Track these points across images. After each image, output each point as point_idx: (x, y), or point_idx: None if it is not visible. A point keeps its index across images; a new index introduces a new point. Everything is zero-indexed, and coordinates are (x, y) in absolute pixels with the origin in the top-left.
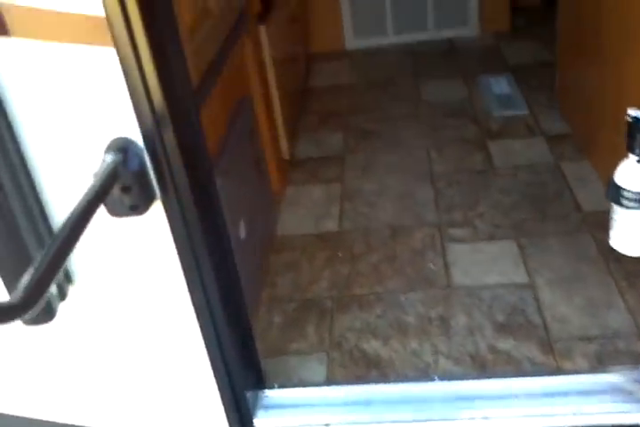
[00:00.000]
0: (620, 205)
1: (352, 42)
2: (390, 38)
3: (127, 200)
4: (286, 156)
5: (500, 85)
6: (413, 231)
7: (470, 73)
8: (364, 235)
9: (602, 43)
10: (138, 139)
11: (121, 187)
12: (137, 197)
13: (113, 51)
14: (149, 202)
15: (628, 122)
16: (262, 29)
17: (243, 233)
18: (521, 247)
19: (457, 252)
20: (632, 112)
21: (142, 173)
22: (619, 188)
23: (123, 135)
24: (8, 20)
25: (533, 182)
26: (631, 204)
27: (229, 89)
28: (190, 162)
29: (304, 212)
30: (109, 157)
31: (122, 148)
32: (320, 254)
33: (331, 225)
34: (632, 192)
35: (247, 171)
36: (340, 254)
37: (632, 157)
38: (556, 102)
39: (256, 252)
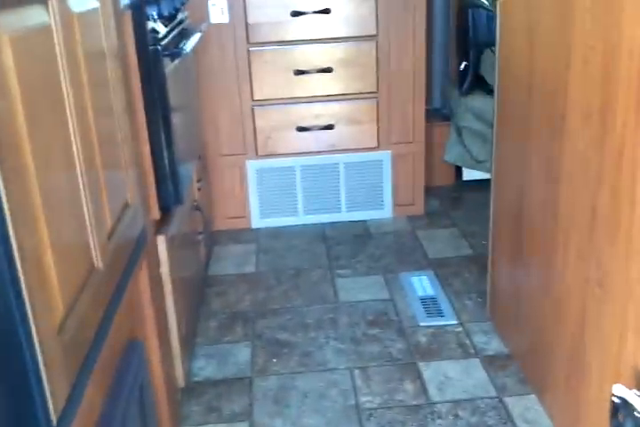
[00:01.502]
0: None
1: (259, 221)
2: (301, 218)
3: None
4: (181, 382)
5: (422, 285)
6: None
7: (389, 266)
8: None
9: (546, 243)
10: None
11: None
12: None
13: None
14: None
15: (614, 402)
16: (160, 241)
17: None
18: None
19: None
20: (619, 391)
21: None
22: None
23: None
24: None
25: None
26: None
27: (119, 334)
28: None
29: None
30: None
31: None
32: None
33: None
34: None
35: None
36: None
37: None
38: (487, 311)
39: None
